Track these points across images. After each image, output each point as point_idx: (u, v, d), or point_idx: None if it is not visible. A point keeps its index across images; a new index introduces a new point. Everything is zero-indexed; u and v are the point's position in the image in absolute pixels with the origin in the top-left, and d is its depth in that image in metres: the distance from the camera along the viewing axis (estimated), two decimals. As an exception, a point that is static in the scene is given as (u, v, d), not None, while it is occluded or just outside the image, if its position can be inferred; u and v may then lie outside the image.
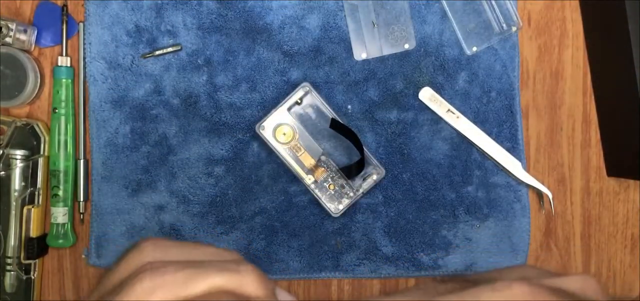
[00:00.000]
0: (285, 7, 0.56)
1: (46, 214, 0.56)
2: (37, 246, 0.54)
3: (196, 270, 0.22)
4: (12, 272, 0.54)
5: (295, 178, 0.56)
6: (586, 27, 0.58)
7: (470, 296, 0.22)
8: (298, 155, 0.55)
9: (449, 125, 0.57)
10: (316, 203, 0.56)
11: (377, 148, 0.57)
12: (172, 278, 0.22)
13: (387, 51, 0.56)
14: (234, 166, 0.56)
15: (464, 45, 0.57)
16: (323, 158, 0.55)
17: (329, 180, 0.55)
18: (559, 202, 0.59)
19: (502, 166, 0.57)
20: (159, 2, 0.55)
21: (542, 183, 0.57)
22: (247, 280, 0.23)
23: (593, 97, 0.59)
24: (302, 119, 0.55)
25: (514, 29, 0.57)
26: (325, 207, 0.55)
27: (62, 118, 0.55)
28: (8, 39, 0.53)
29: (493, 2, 0.56)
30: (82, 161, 0.56)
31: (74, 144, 0.56)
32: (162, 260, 0.23)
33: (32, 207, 0.54)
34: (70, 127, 0.55)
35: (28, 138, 0.54)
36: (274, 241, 0.57)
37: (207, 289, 0.22)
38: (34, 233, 0.54)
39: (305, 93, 0.55)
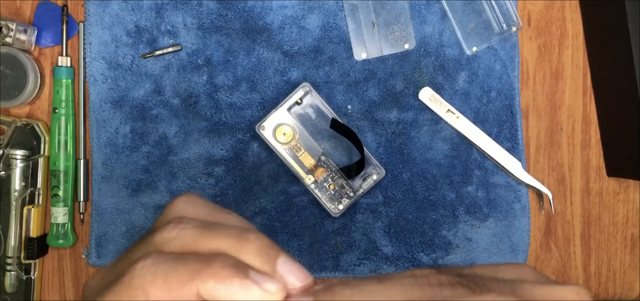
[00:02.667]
0: (285, 7, 0.56)
1: (46, 214, 0.56)
2: (37, 246, 0.54)
3: (207, 231, 0.25)
4: (12, 272, 0.54)
5: (295, 178, 0.56)
6: (586, 27, 0.58)
7: None
8: (298, 155, 0.55)
9: (449, 125, 0.57)
10: (316, 203, 0.56)
11: (377, 148, 0.57)
12: (185, 233, 0.25)
13: (387, 51, 0.56)
14: (234, 166, 0.56)
15: (464, 45, 0.57)
16: (323, 158, 0.55)
17: (329, 180, 0.55)
18: (559, 202, 0.59)
19: (502, 166, 0.57)
20: (159, 2, 0.55)
21: (542, 183, 0.58)
22: (249, 248, 0.25)
23: (593, 97, 0.59)
24: (302, 119, 0.55)
25: (514, 29, 0.57)
26: (325, 207, 0.55)
27: (62, 118, 0.55)
28: (8, 39, 0.53)
29: (493, 2, 0.56)
30: (82, 161, 0.56)
31: (74, 144, 0.56)
32: (185, 214, 0.26)
33: (32, 207, 0.54)
34: (70, 127, 0.55)
35: (28, 138, 0.54)
36: (274, 241, 0.57)
37: (212, 249, 0.24)
38: (34, 233, 0.54)
39: (305, 93, 0.55)
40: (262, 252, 0.25)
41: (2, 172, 0.54)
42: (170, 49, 0.55)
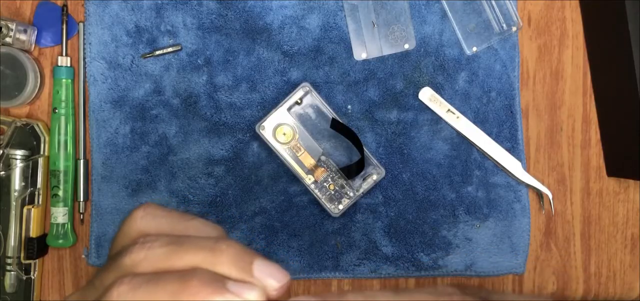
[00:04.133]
0: (285, 7, 0.56)
1: (46, 214, 0.56)
2: (37, 246, 0.54)
3: (177, 247, 0.25)
4: (12, 272, 0.55)
5: (295, 178, 0.56)
6: (586, 27, 0.58)
7: None
8: (298, 155, 0.55)
9: (449, 125, 0.57)
10: (316, 203, 0.56)
11: (377, 148, 0.57)
12: (155, 252, 0.25)
13: (387, 51, 0.56)
14: (234, 166, 0.56)
15: (464, 45, 0.57)
16: (323, 158, 0.55)
17: (329, 180, 0.55)
18: (559, 202, 0.59)
19: (502, 166, 0.57)
20: (159, 2, 0.55)
21: (542, 183, 0.58)
22: (222, 259, 0.24)
23: (593, 97, 0.59)
24: (302, 119, 0.55)
25: (514, 29, 0.57)
26: (325, 207, 0.55)
27: (62, 118, 0.55)
28: (8, 39, 0.53)
29: (493, 2, 0.56)
30: (82, 161, 0.56)
31: (74, 144, 0.56)
32: (148, 229, 0.26)
33: (32, 207, 0.54)
34: (70, 127, 0.55)
35: (28, 138, 0.54)
36: (274, 242, 0.57)
37: (185, 266, 0.24)
38: (34, 233, 0.54)
39: (305, 93, 0.55)
40: (237, 260, 0.25)
41: (2, 172, 0.54)
42: (170, 49, 0.55)
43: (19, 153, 0.54)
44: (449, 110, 0.56)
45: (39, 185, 0.55)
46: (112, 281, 0.24)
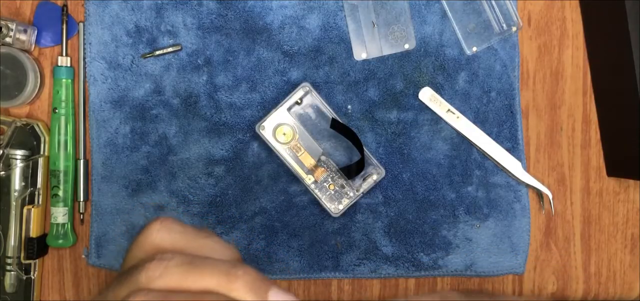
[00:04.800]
0: (285, 7, 0.56)
1: (46, 214, 0.56)
2: (37, 246, 0.54)
3: (193, 268, 0.24)
4: (12, 272, 0.54)
5: (295, 178, 0.56)
6: (586, 27, 0.58)
7: None
8: (298, 155, 0.55)
9: (449, 125, 0.57)
10: (316, 203, 0.56)
11: (377, 148, 0.57)
12: (171, 271, 0.24)
13: (387, 51, 0.56)
14: (234, 166, 0.56)
15: (464, 45, 0.57)
16: (323, 158, 0.55)
17: (329, 180, 0.55)
18: (559, 202, 0.59)
19: (502, 166, 0.57)
20: (159, 2, 0.55)
21: (542, 183, 0.58)
22: (238, 285, 0.24)
23: (593, 97, 0.59)
24: (302, 119, 0.55)
25: (514, 29, 0.57)
26: (325, 207, 0.55)
27: (62, 118, 0.55)
28: (8, 39, 0.53)
29: (493, 2, 0.56)
30: (82, 161, 0.56)
31: (74, 144, 0.56)
32: (163, 243, 0.26)
33: (32, 207, 0.54)
34: (70, 127, 0.55)
35: (28, 138, 0.54)
36: (274, 242, 0.57)
37: (200, 288, 0.24)
38: (34, 233, 0.54)
39: (305, 93, 0.55)
40: (253, 287, 0.24)
41: (2, 172, 0.54)
42: (170, 49, 0.55)
43: (19, 153, 0.54)
44: (449, 110, 0.56)
45: (39, 185, 0.55)
46: (126, 295, 0.24)
